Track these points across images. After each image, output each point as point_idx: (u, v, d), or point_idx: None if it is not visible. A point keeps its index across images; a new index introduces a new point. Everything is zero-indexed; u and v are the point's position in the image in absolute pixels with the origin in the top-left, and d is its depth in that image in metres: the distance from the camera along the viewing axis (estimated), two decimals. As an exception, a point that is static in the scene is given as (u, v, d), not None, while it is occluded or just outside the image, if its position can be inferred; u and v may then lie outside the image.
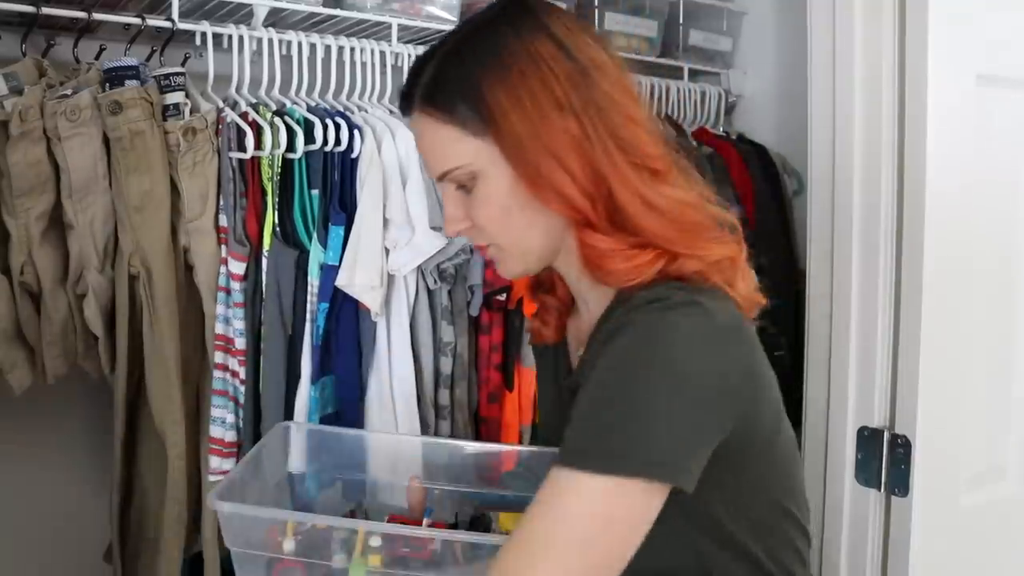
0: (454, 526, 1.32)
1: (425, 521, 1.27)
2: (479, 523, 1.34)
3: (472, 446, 1.47)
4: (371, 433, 1.60)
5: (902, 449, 1.50)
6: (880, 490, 1.55)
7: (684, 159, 1.03)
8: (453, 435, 1.79)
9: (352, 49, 1.73)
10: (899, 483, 1.51)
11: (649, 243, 0.95)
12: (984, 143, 1.52)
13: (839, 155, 1.61)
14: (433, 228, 1.65)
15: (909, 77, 1.47)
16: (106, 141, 1.44)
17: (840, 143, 1.60)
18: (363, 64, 1.75)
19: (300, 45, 1.68)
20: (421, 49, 1.76)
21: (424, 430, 1.74)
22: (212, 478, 1.60)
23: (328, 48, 1.71)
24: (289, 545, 1.14)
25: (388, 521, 1.28)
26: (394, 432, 1.67)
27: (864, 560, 1.58)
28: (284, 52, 1.67)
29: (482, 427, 1.85)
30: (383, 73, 1.78)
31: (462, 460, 1.44)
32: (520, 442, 1.85)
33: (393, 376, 1.70)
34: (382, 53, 1.76)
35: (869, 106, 1.54)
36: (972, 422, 1.56)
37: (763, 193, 2.16)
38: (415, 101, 1.00)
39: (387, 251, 1.63)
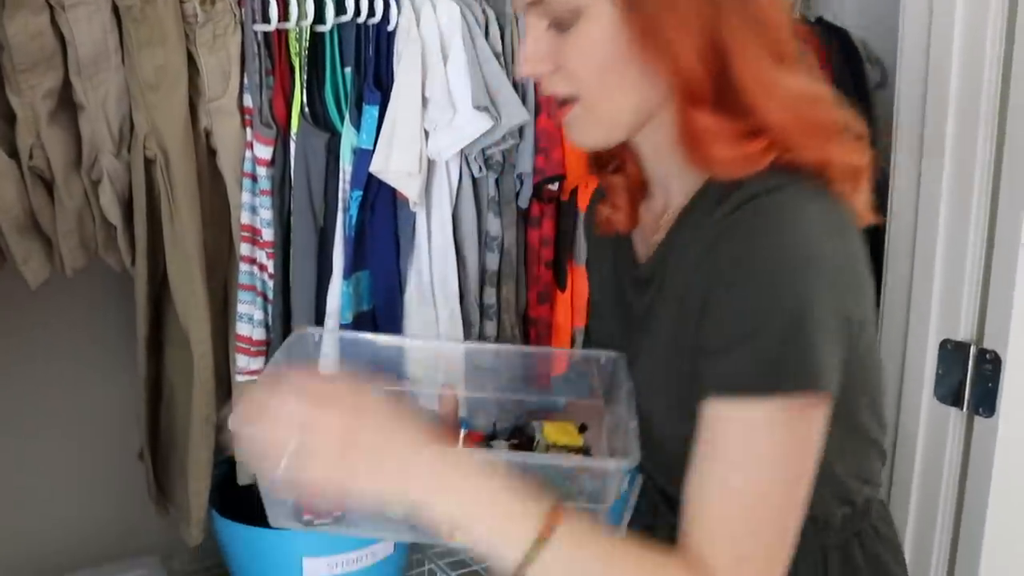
0: (493, 436, 1.25)
1: (461, 434, 1.19)
2: (521, 433, 1.27)
3: (517, 348, 1.38)
4: (409, 339, 1.50)
5: (990, 366, 1.38)
6: (962, 409, 1.44)
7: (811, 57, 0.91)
8: (500, 337, 1.72)
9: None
10: (984, 402, 1.39)
11: (762, 130, 0.82)
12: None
13: (935, 38, 1.44)
14: (477, 108, 1.53)
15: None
16: (116, 12, 1.33)
17: (938, 22, 1.43)
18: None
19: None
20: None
21: (468, 331, 1.66)
22: (240, 378, 1.54)
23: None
24: None
25: None
26: (433, 337, 1.59)
27: (938, 482, 1.49)
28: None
29: (531, 329, 1.77)
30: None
31: (507, 362, 1.33)
32: (572, 346, 1.77)
33: (434, 272, 1.62)
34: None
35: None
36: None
37: (844, 83, 2.01)
38: None
39: (426, 134, 1.53)
